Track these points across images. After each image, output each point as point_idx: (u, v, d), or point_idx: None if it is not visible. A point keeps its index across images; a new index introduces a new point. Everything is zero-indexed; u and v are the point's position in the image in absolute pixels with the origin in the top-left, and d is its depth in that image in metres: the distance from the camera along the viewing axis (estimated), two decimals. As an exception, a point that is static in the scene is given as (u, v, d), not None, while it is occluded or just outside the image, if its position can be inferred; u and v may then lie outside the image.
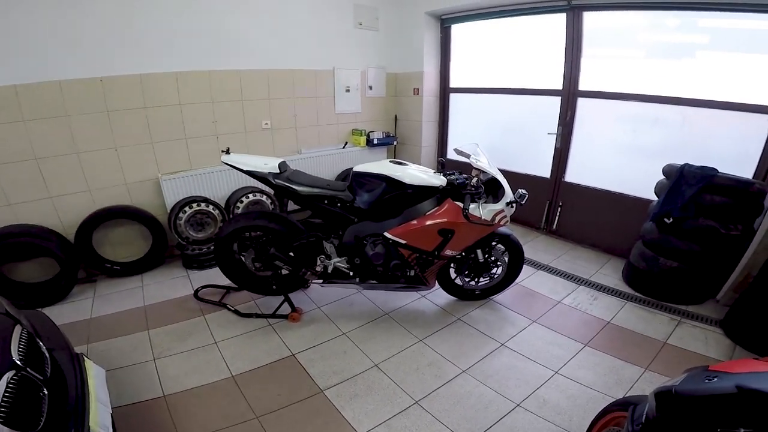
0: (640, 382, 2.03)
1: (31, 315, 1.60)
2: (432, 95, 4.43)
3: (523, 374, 2.10)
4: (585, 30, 3.21)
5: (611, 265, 3.31)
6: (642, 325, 2.52)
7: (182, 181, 3.24)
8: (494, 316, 2.62)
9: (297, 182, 2.36)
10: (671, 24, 2.82)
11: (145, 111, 3.03)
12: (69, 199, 2.88)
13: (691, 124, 2.84)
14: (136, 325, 2.50)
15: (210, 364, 2.16)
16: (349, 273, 2.50)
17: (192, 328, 2.48)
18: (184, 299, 2.81)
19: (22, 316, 1.45)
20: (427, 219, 2.27)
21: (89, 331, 2.43)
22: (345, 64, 4.06)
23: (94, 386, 1.39)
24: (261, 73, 3.53)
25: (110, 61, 2.79)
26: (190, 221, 3.14)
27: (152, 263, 3.25)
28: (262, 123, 3.66)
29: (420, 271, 2.44)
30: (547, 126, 3.59)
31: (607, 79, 3.20)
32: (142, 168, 3.14)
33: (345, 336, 2.41)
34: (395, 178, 2.26)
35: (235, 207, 3.35)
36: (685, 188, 2.46)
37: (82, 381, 1.36)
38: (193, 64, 3.14)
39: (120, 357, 2.20)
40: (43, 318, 1.70)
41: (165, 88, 3.07)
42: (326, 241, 2.49)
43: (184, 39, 3.05)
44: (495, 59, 4.03)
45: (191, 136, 3.30)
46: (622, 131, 3.23)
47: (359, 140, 4.25)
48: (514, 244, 2.55)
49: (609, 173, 3.36)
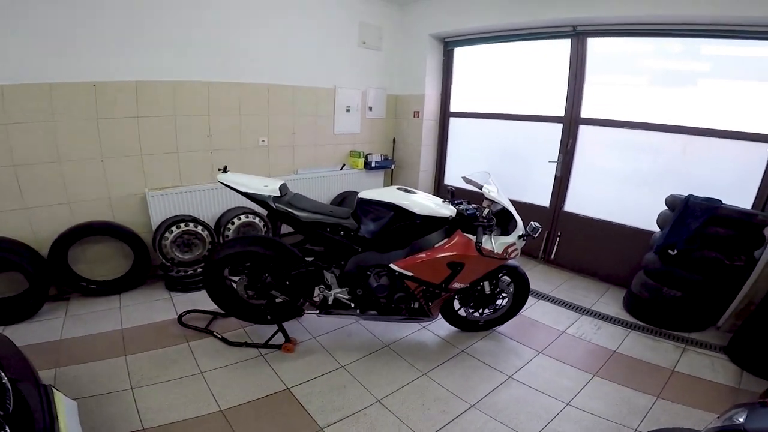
0: (653, 411, 2.03)
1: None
2: (432, 119, 4.50)
3: (534, 407, 2.06)
4: (589, 56, 3.33)
5: (611, 294, 3.35)
6: (648, 353, 2.54)
7: (171, 198, 3.13)
8: (499, 348, 2.57)
9: (299, 207, 2.29)
10: (674, 51, 2.95)
11: (138, 120, 2.94)
12: (45, 212, 2.73)
13: (691, 153, 2.95)
14: (112, 350, 2.34)
15: (196, 395, 2.02)
16: (350, 304, 2.43)
17: (175, 355, 2.34)
18: (166, 324, 2.66)
19: None
20: (436, 251, 2.23)
21: (59, 354, 2.27)
22: (346, 83, 4.09)
23: (65, 423, 1.27)
24: (261, 88, 3.51)
25: (105, 65, 2.72)
26: (176, 241, 3.02)
27: (132, 283, 3.09)
28: (259, 140, 3.62)
29: (425, 304, 2.39)
30: (547, 153, 3.67)
31: (610, 107, 3.30)
32: (129, 182, 3.03)
33: (344, 369, 2.31)
34: (404, 207, 2.22)
35: (226, 229, 3.25)
36: (690, 220, 2.53)
37: (51, 417, 1.23)
38: (192, 74, 3.11)
39: (93, 384, 2.04)
40: (5, 342, 1.56)
41: (160, 97, 3.01)
42: (327, 270, 2.41)
43: (184, 47, 3.02)
44: (496, 84, 4.14)
45: (184, 150, 3.22)
46: (623, 160, 3.32)
47: (357, 162, 4.24)
48: (521, 276, 2.54)
49: (609, 203, 3.44)
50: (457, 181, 4.54)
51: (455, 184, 4.50)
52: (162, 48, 2.93)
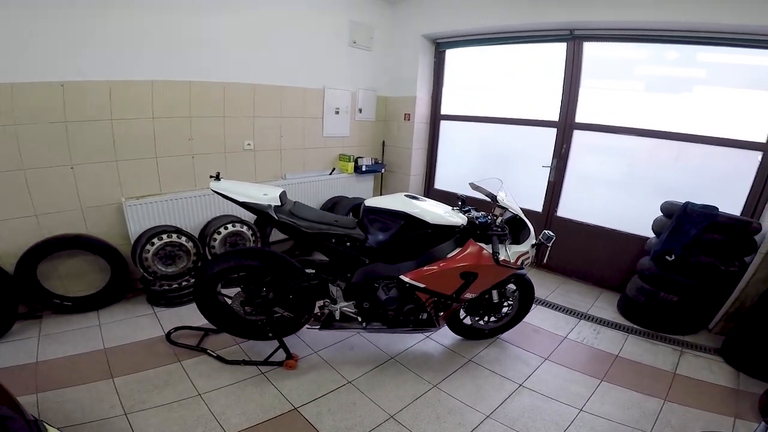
0: (663, 414, 2.14)
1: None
2: (423, 122, 4.51)
3: (549, 415, 2.12)
4: (585, 60, 3.42)
5: (605, 298, 3.49)
6: (649, 356, 2.67)
7: (150, 207, 2.98)
8: (505, 356, 2.63)
9: (302, 217, 2.22)
10: (670, 57, 3.09)
11: (112, 123, 2.78)
12: (9, 225, 2.54)
13: (684, 159, 3.11)
14: (96, 372, 2.21)
15: (198, 420, 1.94)
16: (357, 318, 2.40)
17: (167, 376, 2.23)
18: (153, 342, 2.54)
19: None
20: (450, 262, 2.22)
21: (37, 378, 2.12)
22: (336, 84, 4.04)
23: None
24: (246, 88, 3.40)
25: (75, 64, 2.55)
26: (158, 254, 2.88)
27: (110, 299, 2.93)
28: (245, 143, 3.52)
29: (434, 315, 2.40)
30: (541, 158, 3.77)
31: (605, 112, 3.41)
32: (103, 190, 2.86)
33: (351, 384, 2.28)
34: (416, 216, 2.20)
35: (212, 239, 3.14)
36: (688, 227, 2.68)
37: None
38: (171, 73, 2.96)
39: (81, 411, 1.92)
40: None
41: (137, 99, 2.86)
42: (331, 283, 2.37)
43: (164, 45, 2.88)
44: (489, 87, 4.19)
45: (163, 155, 3.07)
46: (617, 166, 3.46)
47: (347, 166, 4.20)
48: (528, 283, 2.59)
49: (602, 208, 3.57)
50: (447, 185, 4.65)
51: (446, 189, 4.62)
52: (138, 45, 2.77)
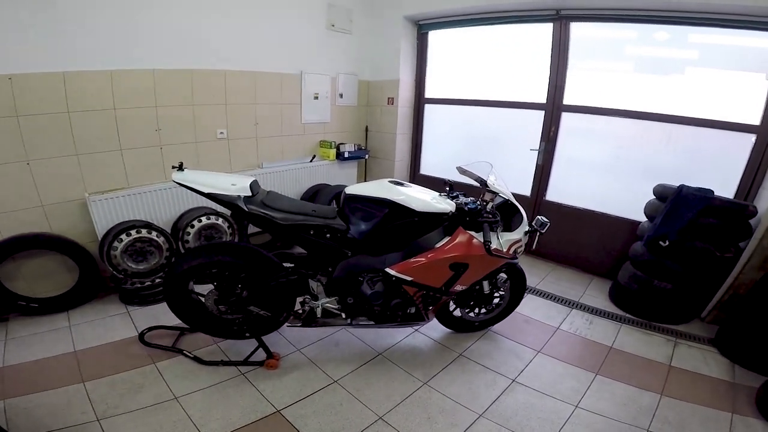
0: (660, 409, 2.07)
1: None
2: (407, 106, 4.36)
3: (544, 412, 2.03)
4: (572, 41, 3.29)
5: (596, 286, 3.42)
6: (643, 348, 2.59)
7: (116, 202, 2.77)
8: (497, 349, 2.53)
9: (275, 208, 2.02)
10: (661, 38, 2.97)
11: (69, 116, 2.55)
12: (-40, 226, 2.33)
13: (676, 141, 3.01)
14: (66, 376, 2.08)
15: (175, 425, 1.81)
16: (341, 314, 2.26)
17: (142, 379, 2.10)
18: (126, 342, 2.39)
19: None
20: (438, 252, 2.07)
21: (3, 383, 2.00)
22: (314, 68, 3.85)
23: None
24: (217, 74, 3.18)
25: (22, 55, 2.32)
26: (128, 251, 2.69)
27: (81, 298, 2.75)
28: (217, 132, 3.31)
29: (423, 309, 2.27)
30: (528, 141, 3.66)
31: (594, 94, 3.29)
32: (64, 186, 2.64)
33: (337, 384, 2.16)
34: (401, 203, 2.04)
35: (185, 233, 2.95)
36: (683, 210, 2.57)
37: None
38: (132, 62, 2.73)
39: (51, 417, 1.81)
40: None
41: (95, 89, 2.62)
42: (311, 278, 2.21)
43: (121, 31, 2.64)
44: (474, 69, 4.05)
45: (128, 147, 2.85)
46: (607, 148, 3.35)
47: (328, 153, 4.04)
48: (519, 272, 2.48)
49: (592, 192, 3.48)
50: (433, 171, 4.52)
51: (432, 174, 4.49)
52: (93, 33, 2.53)
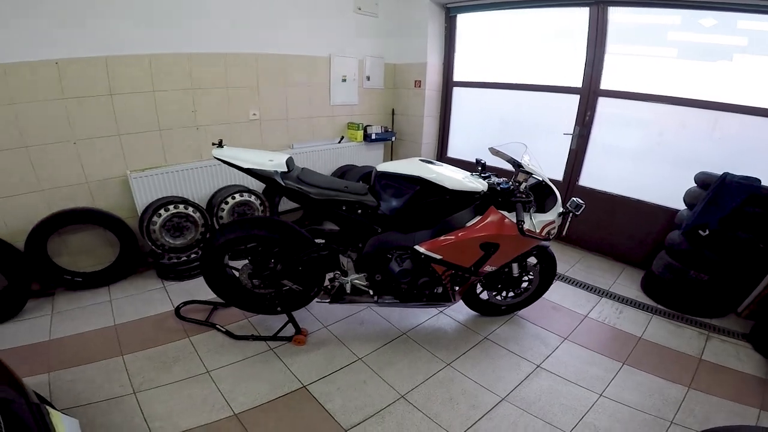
0: (686, 402, 2.01)
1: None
2: (434, 89, 4.29)
3: (567, 399, 2.00)
4: (610, 26, 3.13)
5: (627, 275, 3.31)
6: (674, 340, 2.50)
7: (156, 179, 2.88)
8: (522, 334, 2.50)
9: (310, 183, 2.05)
10: (707, 24, 2.78)
11: (111, 98, 2.65)
12: (15, 202, 2.47)
13: (721, 129, 2.83)
14: (107, 349, 2.18)
15: (206, 398, 1.89)
16: (369, 291, 2.28)
17: (177, 352, 2.19)
18: (162, 317, 2.49)
19: None
20: (469, 231, 2.04)
21: (49, 357, 2.10)
22: (342, 51, 3.82)
23: None
24: (249, 57, 3.22)
25: (67, 40, 2.41)
26: (166, 226, 2.81)
27: (121, 273, 2.89)
28: (250, 113, 3.36)
29: (450, 289, 2.26)
30: (561, 125, 3.52)
31: (633, 79, 3.13)
32: (107, 164, 2.76)
33: (361, 361, 2.20)
34: (433, 181, 2.02)
35: (219, 209, 3.04)
36: (726, 199, 2.42)
37: None
38: (169, 46, 2.79)
39: (91, 390, 1.90)
40: None
41: (135, 73, 2.71)
42: (342, 254, 2.24)
43: (158, 17, 2.70)
44: (504, 52, 3.91)
45: (166, 128, 2.94)
46: (645, 134, 3.19)
47: (356, 135, 4.03)
48: (550, 256, 2.42)
49: (628, 178, 3.33)
50: (461, 154, 4.46)
51: (459, 157, 4.42)
52: (132, 18, 2.60)
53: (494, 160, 2.28)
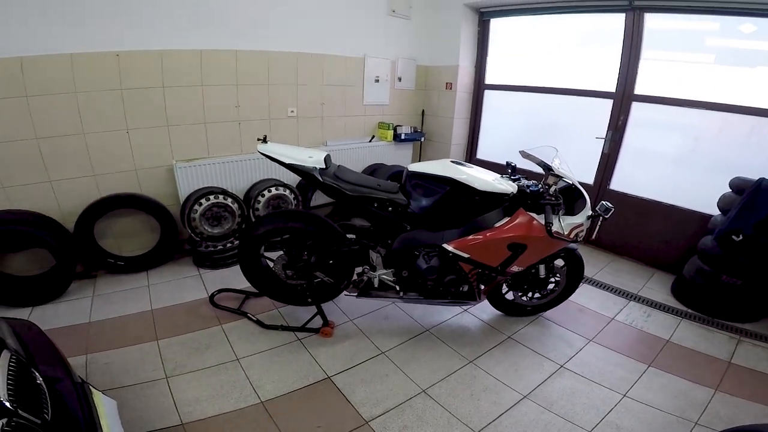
0: (712, 404, 1.97)
1: (19, 327, 1.29)
2: (465, 91, 4.29)
3: (590, 398, 1.98)
4: (646, 32, 3.08)
5: (657, 279, 3.22)
6: (703, 343, 2.44)
7: (199, 169, 3.03)
8: (547, 335, 2.48)
9: (345, 180, 2.14)
10: (746, 30, 2.71)
11: (163, 91, 2.81)
12: (70, 184, 2.64)
13: (759, 135, 2.73)
14: (143, 333, 2.25)
15: (234, 386, 1.94)
16: (395, 287, 2.32)
17: (209, 339, 2.26)
18: (197, 304, 2.59)
19: (8, 332, 1.16)
20: (497, 231, 2.07)
21: (88, 339, 2.19)
22: (375, 53, 3.89)
23: (108, 427, 1.14)
24: (290, 56, 3.33)
25: (126, 35, 2.57)
26: (205, 215, 2.93)
27: (159, 259, 3.02)
28: (288, 110, 3.47)
29: (476, 287, 2.27)
30: (593, 129, 3.47)
31: (668, 84, 3.07)
32: (155, 153, 2.91)
33: (384, 356, 2.23)
34: (463, 182, 2.05)
35: (256, 201, 3.15)
36: (762, 204, 2.36)
37: (92, 423, 1.09)
38: (217, 42, 2.94)
39: (126, 373, 1.96)
40: (35, 332, 1.37)
41: (186, 67, 2.86)
42: (372, 249, 2.29)
43: (208, 14, 2.84)
44: (537, 56, 3.89)
45: (211, 121, 3.08)
46: (680, 139, 3.12)
47: (386, 134, 4.10)
48: (578, 258, 2.40)
49: (660, 183, 3.26)
50: (491, 156, 4.44)
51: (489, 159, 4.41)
52: (184, 15, 2.75)
53: (525, 163, 2.29)
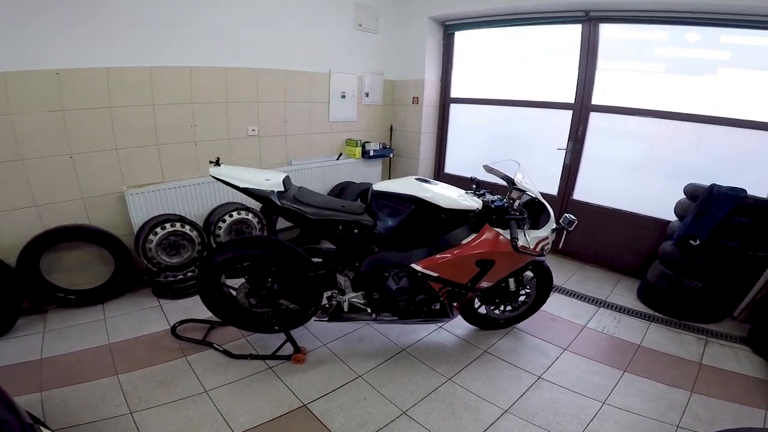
0: (690, 406, 2.05)
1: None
2: (432, 105, 4.38)
3: (570, 408, 2.02)
4: (601, 42, 3.26)
5: (623, 285, 3.37)
6: (673, 346, 2.56)
7: (152, 195, 2.89)
8: (522, 346, 2.53)
9: (306, 203, 2.07)
10: (692, 39, 2.92)
11: (110, 111, 2.68)
12: (8, 217, 2.46)
13: (707, 142, 2.94)
14: (101, 368, 2.14)
15: (205, 418, 1.86)
16: (367, 310, 2.29)
17: (173, 372, 2.16)
18: (158, 336, 2.47)
19: None
20: (465, 249, 2.09)
21: (41, 376, 2.06)
22: (342, 68, 3.91)
23: None
24: (249, 72, 3.28)
25: (69, 52, 2.44)
26: (162, 244, 2.80)
27: (116, 291, 2.86)
28: (249, 129, 3.41)
29: (448, 305, 2.29)
30: (555, 141, 3.62)
31: (623, 94, 3.25)
32: (103, 180, 2.76)
33: (361, 379, 2.19)
34: (428, 200, 2.06)
35: (216, 227, 3.04)
36: (714, 210, 2.52)
37: None
38: (170, 59, 2.84)
39: (86, 409, 1.86)
40: None
41: (135, 85, 2.74)
42: (339, 273, 2.25)
43: (161, 29, 2.75)
44: (500, 69, 4.04)
45: (165, 143, 2.97)
46: (636, 148, 3.30)
47: (354, 151, 4.10)
48: (546, 270, 2.47)
49: (620, 192, 3.43)
50: (458, 170, 4.54)
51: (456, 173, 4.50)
52: (135, 30, 2.65)
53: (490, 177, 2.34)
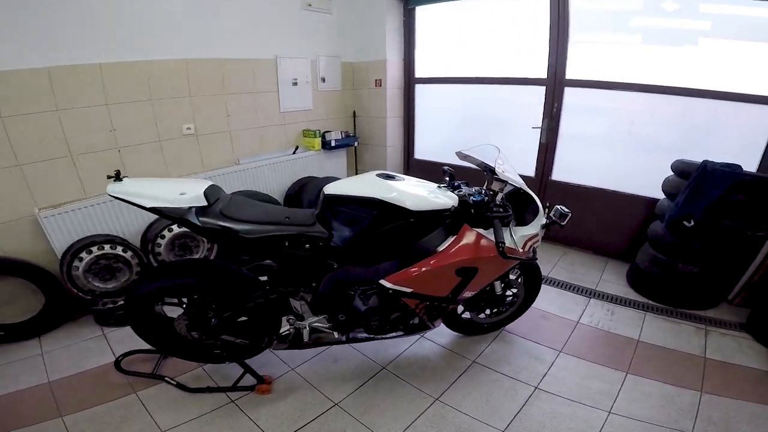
0: (702, 409, 1.89)
1: None
2: (396, 87, 4.10)
3: (574, 421, 1.83)
4: (572, 13, 3.04)
5: (612, 269, 3.22)
6: (672, 339, 2.40)
7: (73, 216, 2.47)
8: (514, 352, 2.31)
9: (239, 219, 1.67)
10: (669, 8, 2.73)
11: (2, 121, 2.22)
12: None
13: (692, 115, 2.79)
14: (42, 411, 1.88)
15: None
16: (333, 333, 1.99)
17: (123, 411, 1.88)
18: (104, 369, 2.16)
19: None
20: (441, 257, 1.78)
21: None
22: (290, 53, 3.55)
23: None
24: (177, 64, 2.86)
25: None
26: (91, 270, 2.42)
27: (52, 322, 2.51)
28: (183, 128, 3.00)
29: (427, 320, 2.01)
30: (530, 119, 3.42)
31: (599, 67, 3.06)
32: (9, 202, 2.33)
33: (338, 407, 1.93)
34: (391, 202, 1.69)
35: (155, 244, 2.65)
36: (709, 188, 2.35)
37: None
38: (74, 56, 2.40)
39: None
40: None
41: (32, 89, 2.29)
42: (294, 297, 1.92)
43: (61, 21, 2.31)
44: (467, 46, 3.77)
45: (80, 152, 2.54)
46: (616, 124, 3.12)
47: (313, 143, 3.76)
48: (534, 268, 2.25)
49: (602, 170, 3.26)
50: (429, 155, 4.27)
51: (427, 158, 4.24)
52: (27, 24, 2.20)
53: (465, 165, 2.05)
